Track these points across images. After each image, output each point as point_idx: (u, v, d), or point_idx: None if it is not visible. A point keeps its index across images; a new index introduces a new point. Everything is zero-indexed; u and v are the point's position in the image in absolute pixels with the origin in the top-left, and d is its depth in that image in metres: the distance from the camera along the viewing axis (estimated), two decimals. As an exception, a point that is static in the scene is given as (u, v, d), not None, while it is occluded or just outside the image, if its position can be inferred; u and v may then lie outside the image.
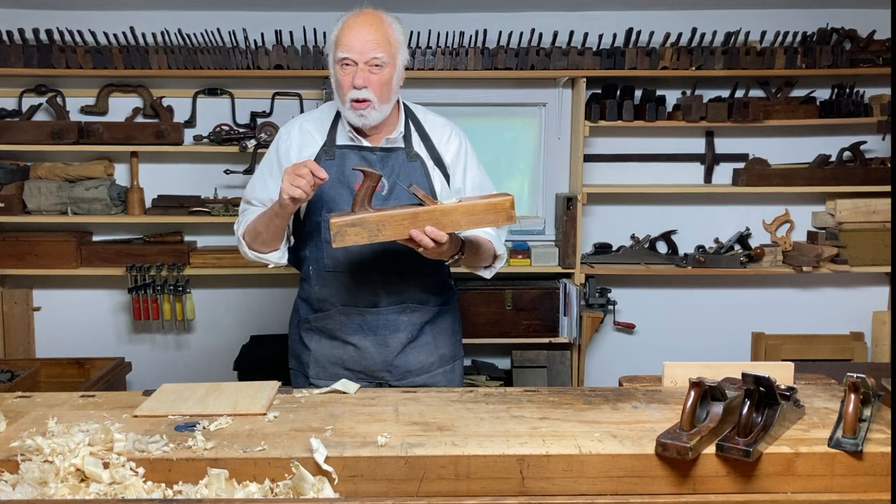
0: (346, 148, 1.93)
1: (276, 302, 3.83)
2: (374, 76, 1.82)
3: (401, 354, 1.98)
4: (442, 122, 2.03)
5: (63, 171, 3.57)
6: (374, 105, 1.84)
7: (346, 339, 1.97)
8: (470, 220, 1.70)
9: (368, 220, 1.66)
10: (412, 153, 1.95)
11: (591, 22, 3.60)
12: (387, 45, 1.82)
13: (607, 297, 3.71)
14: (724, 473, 1.34)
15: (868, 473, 1.34)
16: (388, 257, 1.92)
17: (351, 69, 1.82)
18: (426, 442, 1.39)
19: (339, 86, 1.86)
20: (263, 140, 3.48)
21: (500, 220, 1.71)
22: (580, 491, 1.33)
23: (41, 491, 1.25)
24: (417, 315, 1.99)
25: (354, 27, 1.82)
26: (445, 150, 1.99)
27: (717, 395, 1.41)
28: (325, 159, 1.91)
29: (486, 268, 2.01)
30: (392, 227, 1.66)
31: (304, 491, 1.27)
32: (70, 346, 3.69)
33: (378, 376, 1.99)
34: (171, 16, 3.54)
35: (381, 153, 1.93)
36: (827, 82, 3.66)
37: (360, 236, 1.66)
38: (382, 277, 1.95)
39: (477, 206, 1.70)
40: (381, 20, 1.84)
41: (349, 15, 1.85)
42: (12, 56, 3.42)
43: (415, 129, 1.99)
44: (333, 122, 1.97)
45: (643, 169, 3.79)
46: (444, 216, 1.67)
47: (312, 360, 2.01)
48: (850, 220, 3.66)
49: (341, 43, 1.82)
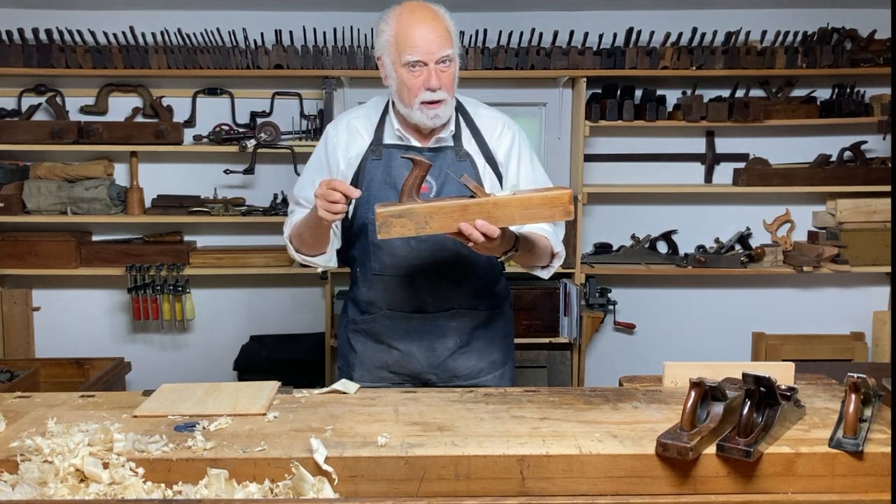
0: (394, 147, 1.86)
1: (276, 302, 3.83)
2: (445, 73, 1.75)
3: (448, 360, 1.93)
4: (494, 116, 1.94)
5: (63, 170, 3.56)
6: (448, 101, 1.77)
7: (391, 344, 1.93)
8: (524, 213, 1.57)
9: (416, 210, 1.54)
10: (461, 152, 1.87)
11: (591, 22, 3.60)
12: (449, 39, 1.75)
13: (607, 297, 3.71)
14: (725, 474, 1.33)
15: (869, 474, 1.34)
16: (436, 262, 1.86)
17: (421, 70, 1.73)
18: (426, 442, 1.38)
19: (405, 88, 1.76)
20: (263, 140, 3.48)
21: (556, 214, 1.58)
22: (580, 491, 1.32)
23: (41, 491, 1.24)
24: (467, 320, 1.93)
25: (416, 25, 1.72)
26: (498, 146, 1.90)
27: (717, 396, 1.40)
28: (372, 159, 1.85)
29: (544, 267, 1.90)
30: (440, 220, 1.55)
31: (304, 491, 1.27)
32: (69, 347, 3.68)
33: (424, 378, 1.94)
34: (170, 15, 3.54)
35: (428, 153, 1.83)
36: (827, 82, 3.66)
37: (407, 228, 1.55)
38: (430, 283, 1.88)
39: (532, 199, 1.57)
40: (436, 14, 1.75)
41: (402, 12, 1.75)
42: (12, 56, 3.41)
43: (465, 124, 1.90)
44: (380, 120, 1.89)
45: (643, 169, 3.79)
46: (497, 209, 1.55)
47: (358, 362, 1.96)
48: (851, 220, 3.66)
49: (406, 45, 1.72)
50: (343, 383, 1.72)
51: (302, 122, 3.63)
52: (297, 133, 3.60)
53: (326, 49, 3.48)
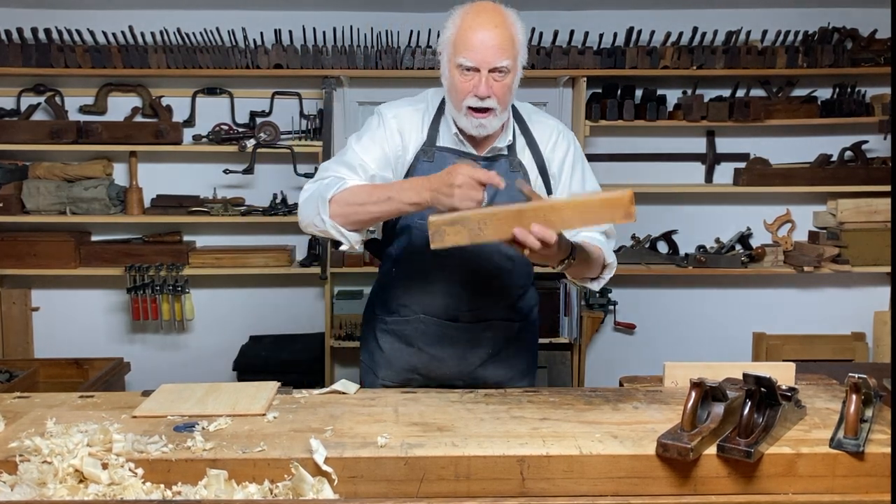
0: (448, 151, 1.79)
1: (276, 302, 3.83)
2: (498, 83, 1.67)
3: (479, 368, 1.91)
4: (550, 125, 1.89)
5: (62, 170, 3.56)
6: (497, 112, 1.70)
7: (422, 348, 1.89)
8: (583, 217, 1.48)
9: (469, 217, 1.47)
10: (515, 162, 1.82)
11: (591, 21, 3.60)
12: (511, 49, 1.67)
13: (608, 297, 3.71)
14: (725, 474, 1.33)
15: (870, 474, 1.33)
16: (476, 272, 1.82)
17: (472, 75, 1.67)
18: (426, 442, 1.38)
19: (455, 90, 1.71)
20: (263, 140, 3.48)
21: (616, 216, 1.46)
22: (581, 492, 1.32)
23: (40, 492, 1.24)
24: (501, 331, 1.91)
25: (478, 29, 1.65)
26: (552, 157, 1.85)
27: (718, 396, 1.40)
28: (424, 160, 1.78)
29: (595, 279, 1.81)
30: (494, 226, 1.46)
31: (304, 492, 1.26)
32: (69, 347, 3.68)
33: (451, 383, 1.88)
34: (170, 15, 3.53)
35: (484, 163, 1.77)
36: (828, 82, 3.66)
37: (461, 236, 1.47)
38: (469, 293, 1.84)
39: (591, 201, 1.47)
40: (504, 20, 1.67)
41: (469, 11, 1.69)
42: (11, 55, 3.41)
43: (521, 132, 1.85)
44: (435, 118, 1.82)
45: (644, 168, 3.78)
46: (553, 213, 1.45)
47: (385, 361, 1.93)
48: (852, 220, 3.66)
49: (463, 47, 1.65)
50: (343, 383, 1.71)
51: (301, 121, 3.62)
52: (297, 133, 3.59)
53: (326, 49, 3.48)
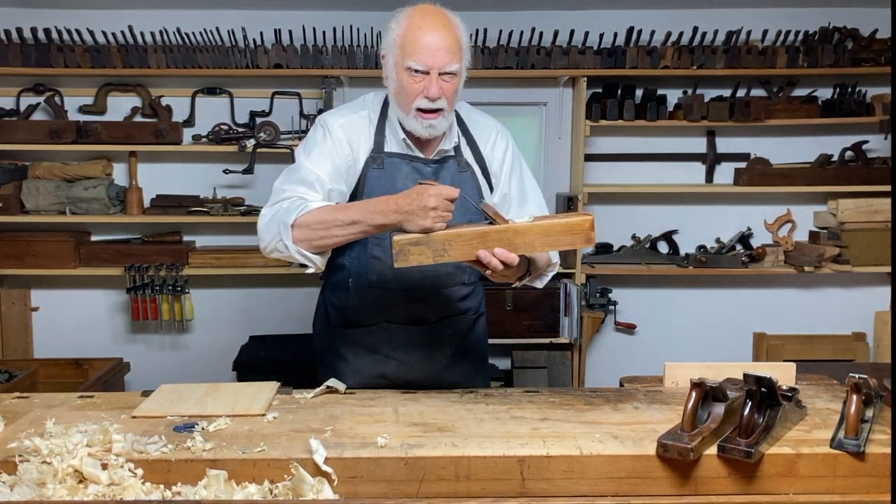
0: (397, 157, 1.80)
1: (276, 302, 3.82)
2: (448, 84, 1.69)
3: (445, 369, 1.91)
4: (488, 125, 1.91)
5: (61, 170, 3.56)
6: (445, 113, 1.72)
7: (388, 354, 1.88)
8: (545, 241, 1.53)
9: (434, 239, 1.51)
10: (463, 162, 1.83)
11: (591, 21, 3.60)
12: (458, 52, 1.69)
13: (608, 297, 3.71)
14: (726, 474, 1.33)
15: (870, 475, 1.33)
16: (436, 273, 1.82)
17: (421, 78, 1.67)
18: (426, 443, 1.38)
19: (404, 92, 1.70)
20: (262, 140, 3.47)
21: (577, 241, 1.54)
22: (581, 492, 1.32)
23: (39, 492, 1.24)
24: (460, 325, 1.93)
25: (426, 31, 1.66)
26: (492, 156, 1.87)
27: (718, 396, 1.40)
28: (373, 167, 1.78)
29: (538, 277, 1.85)
30: (459, 248, 1.52)
31: (304, 492, 1.26)
32: (68, 347, 3.67)
33: (419, 385, 1.86)
34: (169, 15, 3.53)
35: (434, 165, 1.80)
36: (829, 81, 3.65)
37: (425, 256, 1.52)
38: (429, 294, 1.85)
39: (553, 226, 1.53)
40: (449, 23, 1.69)
41: (414, 14, 1.70)
42: (10, 55, 3.41)
43: (461, 133, 1.87)
44: (380, 123, 1.82)
45: (644, 169, 3.78)
46: (517, 237, 1.51)
47: (351, 371, 1.89)
48: (852, 220, 3.65)
49: (411, 50, 1.66)
50: (333, 381, 1.71)
51: (301, 121, 3.62)
52: (297, 133, 3.59)
53: (326, 48, 3.48)
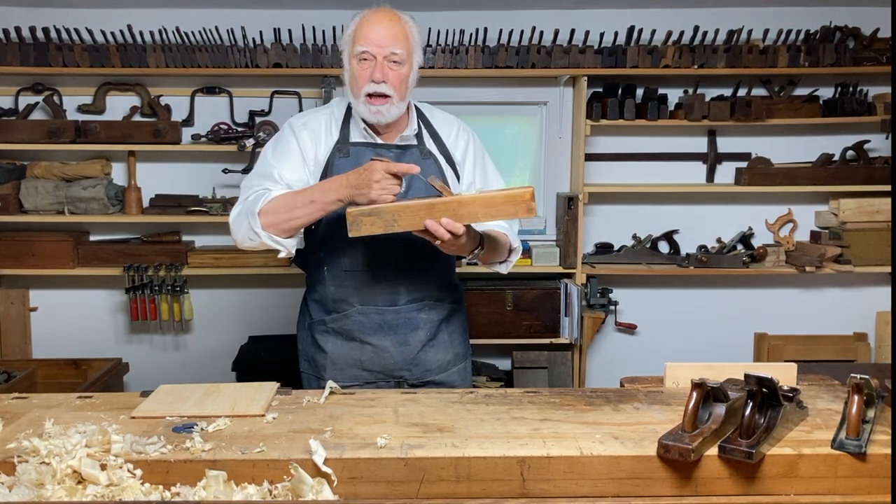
0: (361, 145, 1.93)
1: (275, 302, 3.82)
2: (393, 72, 1.82)
3: (420, 353, 1.98)
4: (449, 119, 2.05)
5: (60, 170, 3.55)
6: (394, 101, 1.84)
7: (364, 340, 1.96)
8: (488, 211, 1.66)
9: (384, 210, 1.65)
10: (425, 150, 1.96)
11: (592, 20, 3.59)
12: (405, 41, 1.84)
13: (609, 297, 3.70)
14: (727, 475, 1.33)
15: (872, 475, 1.33)
16: (406, 253, 1.92)
17: (369, 63, 1.82)
18: (426, 443, 1.37)
19: (354, 80, 1.85)
20: (262, 139, 3.47)
21: (519, 211, 1.66)
22: (581, 493, 1.31)
23: (38, 493, 1.24)
24: (435, 313, 2.00)
25: (373, 22, 1.83)
26: (455, 147, 2.01)
27: (719, 397, 1.40)
28: (340, 157, 1.91)
29: (502, 262, 1.99)
30: (408, 218, 1.65)
31: (303, 493, 1.26)
32: (67, 347, 3.67)
33: (397, 375, 1.98)
34: (168, 14, 3.53)
35: (396, 151, 1.93)
36: (830, 81, 3.65)
37: (376, 226, 1.66)
38: (401, 274, 1.94)
39: (496, 197, 1.67)
40: (398, 18, 1.86)
41: (366, 12, 1.87)
42: (9, 54, 3.40)
43: (424, 127, 1.99)
44: (345, 119, 1.96)
45: (645, 168, 3.78)
46: (462, 207, 1.65)
47: (329, 361, 1.98)
48: (854, 220, 3.65)
49: (360, 37, 1.83)
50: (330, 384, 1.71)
51: (301, 121, 3.61)
52: (297, 132, 3.58)
53: (325, 47, 3.47)
